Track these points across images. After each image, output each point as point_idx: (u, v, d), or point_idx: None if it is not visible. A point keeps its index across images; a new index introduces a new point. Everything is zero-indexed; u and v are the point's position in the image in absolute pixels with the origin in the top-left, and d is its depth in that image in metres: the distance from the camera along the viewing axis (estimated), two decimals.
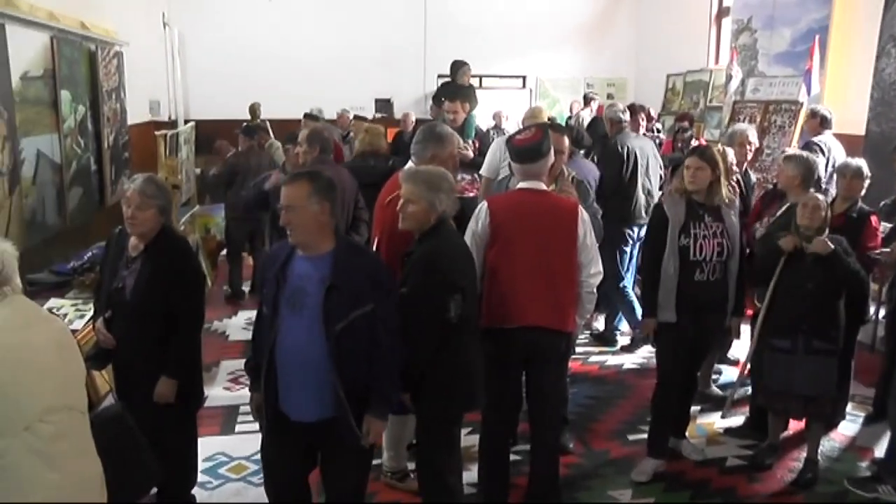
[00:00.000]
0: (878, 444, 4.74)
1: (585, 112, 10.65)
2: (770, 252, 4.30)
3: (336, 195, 3.09)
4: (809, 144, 6.49)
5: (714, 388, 5.48)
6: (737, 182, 5.36)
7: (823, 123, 6.71)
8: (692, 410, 4.75)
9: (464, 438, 3.89)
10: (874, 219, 4.75)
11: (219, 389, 5.48)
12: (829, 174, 6.17)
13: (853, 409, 5.17)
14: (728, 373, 5.81)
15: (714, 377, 5.62)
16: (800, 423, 4.63)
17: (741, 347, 5.54)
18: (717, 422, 5.03)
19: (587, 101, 11.01)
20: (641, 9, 13.07)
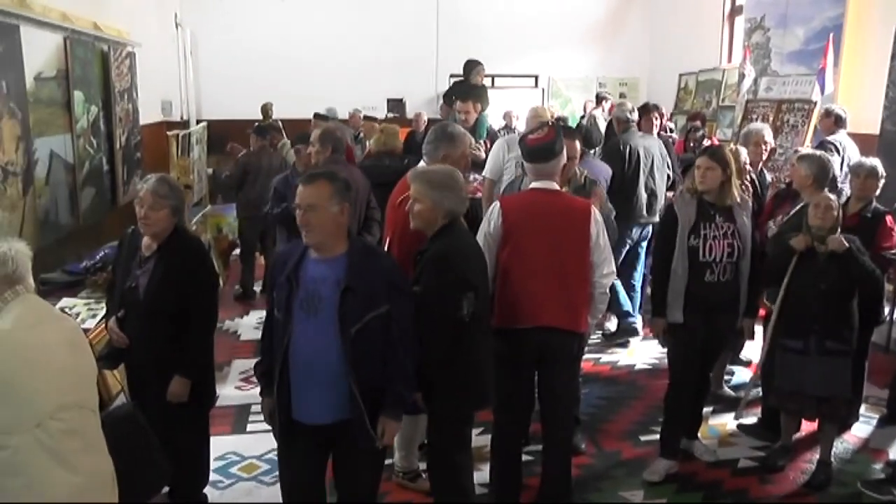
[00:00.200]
0: (893, 446, 4.72)
1: (598, 112, 10.61)
2: (782, 252, 4.28)
3: (352, 196, 3.08)
4: (824, 143, 6.43)
5: (726, 389, 5.45)
6: (751, 182, 5.34)
7: (838, 122, 6.66)
8: (704, 411, 4.74)
9: (476, 438, 3.89)
10: (889, 219, 4.69)
11: (230, 389, 5.49)
12: (844, 174, 6.12)
13: (867, 411, 5.13)
14: (741, 373, 5.79)
15: (726, 378, 5.59)
16: (812, 425, 4.60)
17: (754, 348, 5.51)
18: (730, 423, 5.01)
19: (599, 101, 10.98)
20: (654, 8, 13.03)
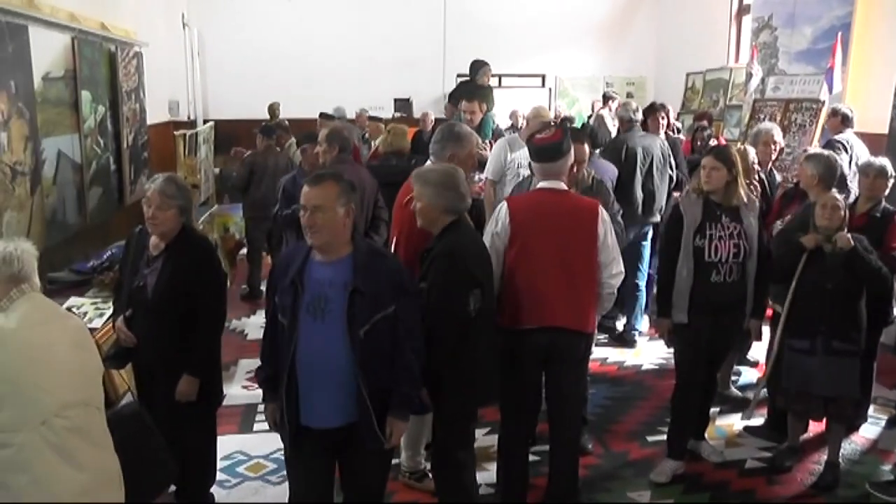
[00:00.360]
0: None
1: (605, 111, 10.59)
2: (788, 250, 4.26)
3: (358, 196, 3.07)
4: (832, 143, 6.40)
5: (733, 390, 5.44)
6: (760, 182, 5.32)
7: (844, 122, 6.63)
8: (711, 412, 4.72)
9: (483, 439, 3.88)
10: None
11: (237, 388, 5.48)
12: (853, 172, 6.09)
13: (875, 412, 5.10)
14: (748, 374, 5.77)
15: (734, 378, 5.57)
16: (820, 426, 4.58)
17: (761, 349, 5.49)
18: (737, 423, 4.99)
19: (606, 100, 10.95)
20: (661, 7, 13.01)
